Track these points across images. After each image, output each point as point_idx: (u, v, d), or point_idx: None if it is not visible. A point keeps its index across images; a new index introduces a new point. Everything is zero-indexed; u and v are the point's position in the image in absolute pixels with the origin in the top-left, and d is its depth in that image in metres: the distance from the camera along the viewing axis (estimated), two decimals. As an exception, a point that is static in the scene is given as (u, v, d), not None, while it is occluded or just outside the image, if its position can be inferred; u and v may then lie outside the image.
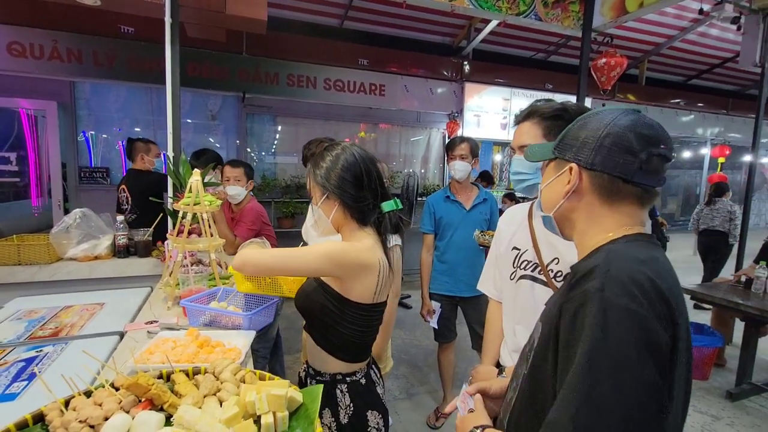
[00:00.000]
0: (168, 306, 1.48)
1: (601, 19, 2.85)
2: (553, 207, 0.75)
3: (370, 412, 1.12)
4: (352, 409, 1.10)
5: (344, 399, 1.10)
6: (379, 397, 1.18)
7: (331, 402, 1.11)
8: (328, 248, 1.01)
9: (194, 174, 1.57)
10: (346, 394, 1.11)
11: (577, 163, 0.70)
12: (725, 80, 7.64)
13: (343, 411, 1.10)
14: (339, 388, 1.11)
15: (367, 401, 1.13)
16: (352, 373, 1.13)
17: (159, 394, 0.76)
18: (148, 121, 5.28)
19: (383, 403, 1.19)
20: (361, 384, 1.13)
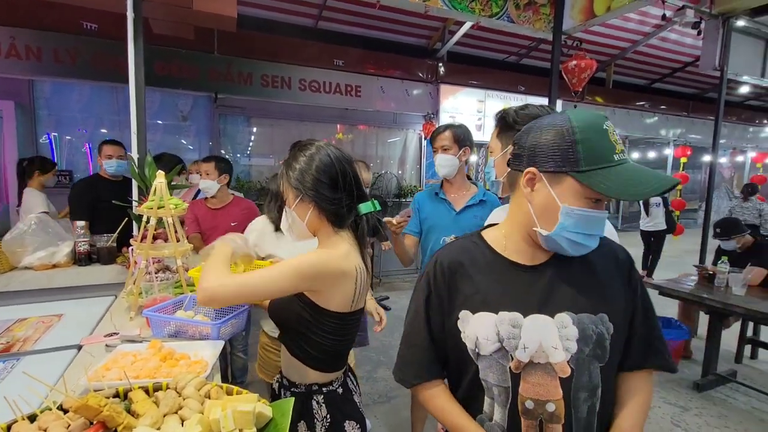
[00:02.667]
0: (131, 316, 1.39)
1: (570, 22, 2.91)
2: None
3: (347, 422, 1.09)
4: (329, 421, 1.06)
5: (321, 410, 1.06)
6: (357, 406, 1.15)
7: (306, 414, 1.06)
8: (300, 264, 0.95)
9: (158, 176, 1.49)
10: (323, 406, 1.06)
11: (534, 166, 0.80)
12: (686, 84, 8.00)
13: (319, 423, 1.06)
14: (315, 399, 1.06)
15: (345, 411, 1.09)
16: (328, 383, 1.09)
17: (112, 415, 0.70)
18: (114, 122, 5.05)
19: (361, 411, 1.15)
20: (338, 394, 1.09)
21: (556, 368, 0.76)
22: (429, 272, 0.88)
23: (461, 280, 0.84)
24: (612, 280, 0.83)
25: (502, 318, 0.79)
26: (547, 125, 0.76)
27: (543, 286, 0.80)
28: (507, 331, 0.78)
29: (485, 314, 0.80)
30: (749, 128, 9.49)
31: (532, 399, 0.77)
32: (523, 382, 0.77)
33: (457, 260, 0.86)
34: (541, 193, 0.75)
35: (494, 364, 0.79)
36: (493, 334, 0.79)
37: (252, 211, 2.66)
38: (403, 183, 6.19)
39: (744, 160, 10.33)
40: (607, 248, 0.85)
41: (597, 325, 0.77)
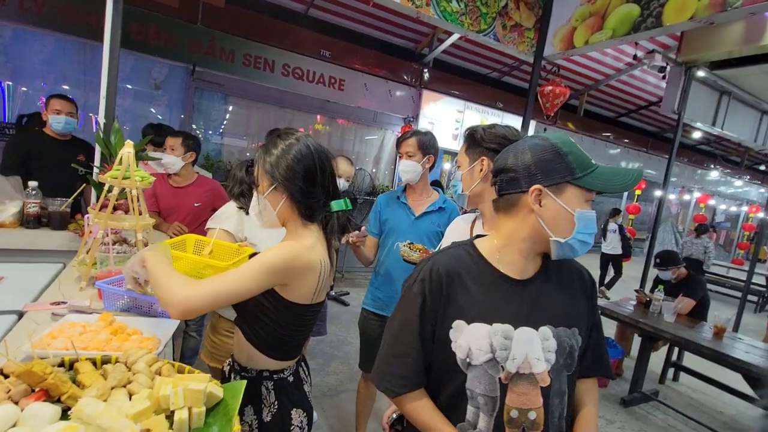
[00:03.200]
0: (81, 287, 1.34)
1: (551, 49, 3.06)
2: None
3: (294, 410, 1.10)
4: (276, 407, 1.07)
5: (269, 396, 1.07)
6: (305, 395, 1.16)
7: (255, 399, 1.07)
8: (271, 261, 0.94)
9: (127, 145, 1.44)
10: (272, 392, 1.07)
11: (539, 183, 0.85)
12: (648, 122, 8.55)
13: (266, 408, 1.07)
14: (265, 385, 1.07)
15: (293, 399, 1.10)
16: (280, 370, 1.09)
17: (56, 384, 0.69)
18: (78, 80, 4.75)
19: (309, 401, 1.17)
20: (289, 382, 1.11)
21: (538, 378, 0.81)
22: (424, 279, 0.87)
23: (458, 289, 0.85)
24: (581, 297, 0.91)
25: (496, 329, 0.81)
26: (532, 147, 0.83)
27: (529, 299, 0.85)
28: (499, 342, 0.81)
29: (480, 325, 0.82)
30: (697, 170, 10.28)
31: (517, 408, 0.81)
32: (509, 392, 0.81)
33: (454, 269, 0.87)
34: (549, 207, 0.80)
35: (483, 374, 0.81)
36: (486, 345, 0.81)
37: (217, 193, 2.59)
38: (377, 182, 6.23)
39: (690, 199, 11.16)
40: (575, 267, 0.94)
41: (570, 338, 0.84)
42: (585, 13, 2.82)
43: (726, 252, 13.25)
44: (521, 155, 0.83)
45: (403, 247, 1.76)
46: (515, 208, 0.84)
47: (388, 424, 1.24)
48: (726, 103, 4.46)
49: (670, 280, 3.65)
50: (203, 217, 2.40)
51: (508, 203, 0.85)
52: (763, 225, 5.93)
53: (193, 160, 2.48)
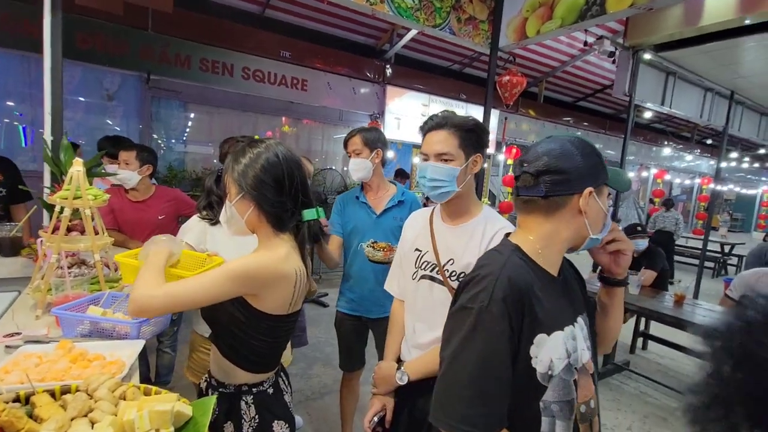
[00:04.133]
0: (37, 315, 1.28)
1: (505, 40, 3.14)
2: None
3: (276, 422, 1.08)
4: (257, 422, 1.05)
5: (249, 411, 1.05)
6: (286, 406, 1.15)
7: (234, 415, 1.05)
8: (234, 270, 0.92)
9: (75, 163, 1.38)
10: (252, 406, 1.05)
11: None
12: (605, 104, 8.91)
13: (247, 424, 1.05)
14: (244, 399, 1.05)
15: (273, 412, 1.09)
16: (259, 383, 1.07)
17: (11, 420, 0.66)
18: (23, 95, 4.50)
19: (290, 411, 1.16)
20: (268, 394, 1.09)
21: (587, 367, 0.84)
22: (506, 297, 0.75)
23: (534, 301, 0.78)
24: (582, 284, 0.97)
25: (567, 333, 0.81)
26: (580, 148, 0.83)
27: (566, 294, 0.88)
28: (571, 345, 0.81)
29: (558, 333, 0.80)
30: (653, 148, 10.80)
31: (584, 403, 0.83)
32: (579, 389, 0.82)
33: (526, 280, 0.79)
34: (593, 207, 0.83)
35: (559, 382, 0.79)
36: (563, 352, 0.79)
37: (179, 201, 2.51)
38: (348, 180, 6.21)
39: (648, 176, 11.72)
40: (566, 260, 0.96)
41: (587, 323, 0.90)
42: (535, 4, 2.90)
43: (684, 223, 14.02)
44: (572, 158, 0.81)
45: (366, 247, 1.75)
46: (562, 210, 0.82)
47: (371, 428, 1.25)
48: (672, 83, 4.70)
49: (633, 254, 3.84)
50: (169, 228, 2.33)
51: (554, 205, 0.82)
52: (714, 195, 6.30)
53: (150, 172, 2.39)
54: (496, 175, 8.08)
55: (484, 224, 1.22)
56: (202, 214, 1.60)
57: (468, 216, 1.25)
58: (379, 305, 1.89)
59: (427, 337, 1.24)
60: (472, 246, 1.19)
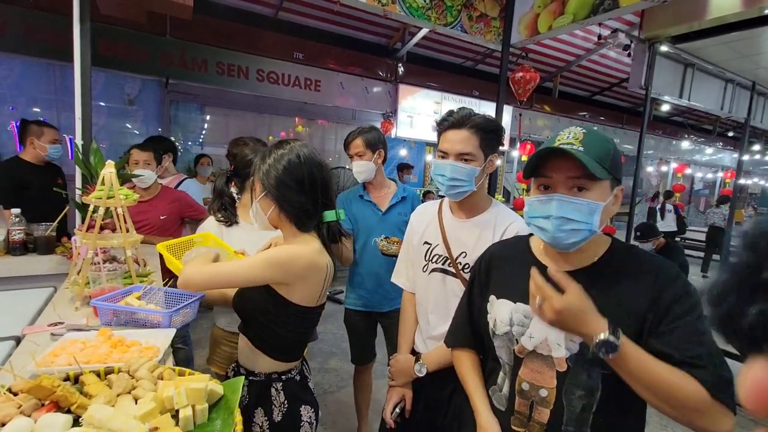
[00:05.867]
0: (76, 306, 1.37)
1: (517, 36, 3.14)
2: (604, 224, 0.84)
3: (303, 407, 1.14)
4: (287, 406, 1.11)
5: (279, 397, 1.10)
6: (311, 392, 1.21)
7: (264, 401, 1.10)
8: (271, 256, 0.98)
9: (108, 165, 1.47)
10: (281, 392, 1.11)
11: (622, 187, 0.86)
12: (621, 98, 8.75)
13: (277, 409, 1.10)
14: (274, 386, 1.11)
15: (301, 397, 1.15)
16: (288, 370, 1.13)
17: (65, 395, 0.74)
18: (49, 102, 4.69)
19: (314, 397, 1.21)
20: (296, 381, 1.15)
21: (555, 362, 0.85)
22: (478, 260, 1.05)
23: (495, 270, 0.99)
24: (637, 296, 0.81)
25: (518, 308, 0.89)
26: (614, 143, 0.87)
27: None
28: (519, 319, 0.89)
29: (505, 301, 0.93)
30: (672, 141, 10.55)
31: (528, 382, 0.88)
32: (523, 366, 0.88)
33: (498, 255, 1.01)
34: None
35: (504, 345, 0.92)
36: (507, 319, 0.90)
37: (183, 203, 2.55)
38: (361, 179, 6.27)
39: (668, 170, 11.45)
40: (650, 267, 0.84)
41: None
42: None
43: (707, 218, 13.64)
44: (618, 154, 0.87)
45: (381, 242, 1.83)
46: None
47: (393, 419, 1.30)
48: (691, 75, 4.60)
49: (650, 251, 3.80)
50: (171, 229, 2.40)
51: None
52: (737, 189, 6.14)
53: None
54: (510, 171, 8.03)
55: (495, 218, 1.26)
56: (217, 217, 1.64)
57: (478, 210, 1.29)
58: (389, 299, 1.96)
59: (442, 329, 1.27)
60: (485, 239, 1.22)
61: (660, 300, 0.79)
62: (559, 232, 0.81)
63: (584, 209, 0.79)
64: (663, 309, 0.78)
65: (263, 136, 5.95)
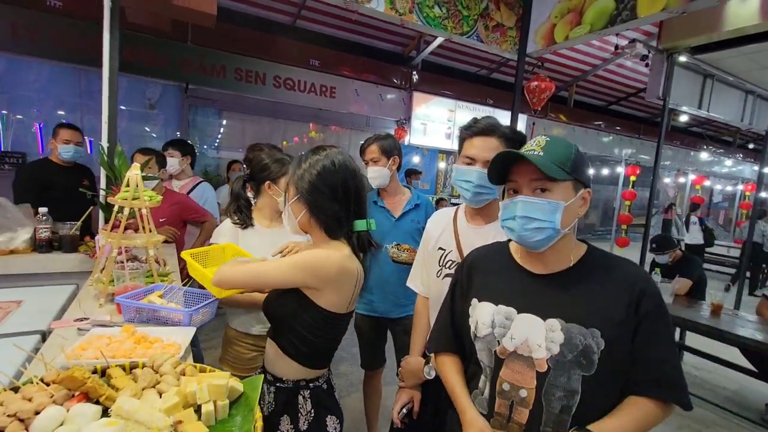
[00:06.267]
0: (100, 303, 1.42)
1: (533, 46, 3.15)
2: (570, 224, 0.88)
3: (329, 417, 1.12)
4: (313, 415, 1.09)
5: (306, 405, 1.09)
6: (337, 402, 1.19)
7: (291, 408, 1.08)
8: (303, 259, 0.98)
9: (134, 168, 1.52)
10: (308, 400, 1.09)
11: (589, 188, 0.89)
12: (638, 108, 8.66)
13: (303, 417, 1.08)
14: (301, 394, 1.09)
15: (328, 406, 1.13)
16: (315, 378, 1.11)
17: (95, 387, 0.77)
18: (74, 105, 4.86)
19: (340, 407, 1.19)
20: (323, 389, 1.13)
21: (535, 363, 0.86)
22: (459, 266, 1.08)
23: (477, 274, 1.01)
24: (616, 302, 0.86)
25: (499, 310, 0.92)
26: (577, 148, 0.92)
27: (545, 292, 0.90)
28: (500, 321, 0.91)
29: (487, 304, 0.95)
30: (690, 152, 10.37)
31: (509, 383, 0.89)
32: (504, 367, 0.90)
33: (479, 259, 1.04)
34: None
35: (485, 347, 0.93)
36: (489, 321, 0.92)
37: (183, 206, 2.57)
38: (373, 185, 6.31)
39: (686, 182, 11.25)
40: (629, 274, 0.89)
41: (585, 337, 0.83)
42: (563, 10, 2.92)
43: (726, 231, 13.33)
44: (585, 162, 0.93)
45: (391, 249, 1.84)
46: None
47: (400, 419, 1.31)
48: (710, 86, 4.56)
49: (667, 263, 3.73)
50: None
51: None
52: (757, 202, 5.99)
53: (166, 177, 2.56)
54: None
55: None
56: (233, 219, 1.66)
57: (494, 217, 1.30)
58: (400, 306, 1.95)
59: None
60: None
61: (638, 308, 0.85)
62: (524, 230, 0.86)
63: (546, 208, 0.85)
64: (640, 317, 0.85)
65: (278, 141, 6.06)
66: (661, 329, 0.87)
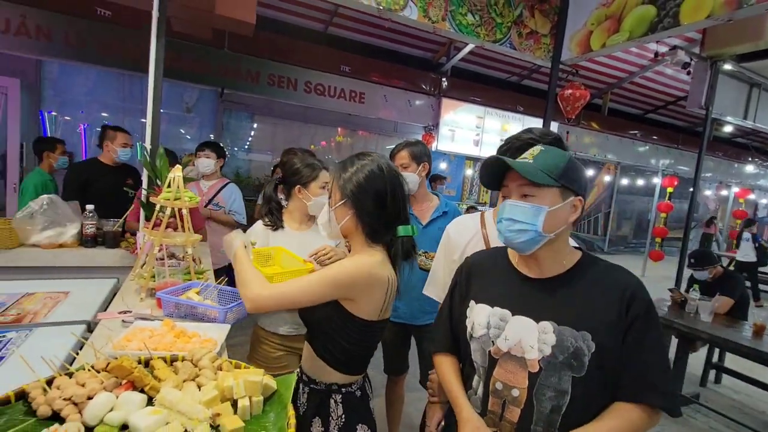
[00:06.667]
0: (141, 297, 1.49)
1: (568, 53, 3.09)
2: (556, 230, 0.90)
3: (360, 425, 1.11)
4: (343, 421, 1.08)
5: (337, 410, 1.09)
6: (371, 411, 1.17)
7: (322, 411, 1.09)
8: (338, 275, 0.99)
9: (176, 169, 1.60)
10: (340, 405, 1.09)
11: (582, 196, 0.91)
12: (677, 117, 8.31)
13: (334, 422, 1.08)
14: (333, 398, 1.09)
15: (359, 414, 1.12)
16: (348, 384, 1.11)
17: (141, 376, 0.82)
18: (117, 107, 5.13)
19: (373, 417, 1.17)
20: (356, 396, 1.12)
21: (528, 363, 0.89)
22: (459, 269, 1.11)
23: (475, 277, 1.05)
24: (607, 307, 0.88)
25: (495, 312, 0.95)
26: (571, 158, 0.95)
27: (539, 295, 0.93)
28: (495, 322, 0.94)
29: (484, 306, 0.98)
30: (734, 164, 9.85)
31: (502, 382, 0.92)
32: (498, 367, 0.93)
33: (478, 263, 1.07)
34: None
35: (480, 347, 0.96)
36: (484, 322, 0.96)
37: None
38: (400, 190, 6.33)
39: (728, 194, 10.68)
40: (620, 281, 0.91)
41: (577, 340, 0.86)
42: (601, 16, 2.85)
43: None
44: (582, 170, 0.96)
45: (419, 256, 1.82)
46: None
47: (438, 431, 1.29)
48: (757, 95, 4.32)
49: (706, 280, 3.55)
50: None
51: None
52: (808, 219, 5.61)
53: None
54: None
55: None
56: (264, 221, 1.70)
57: None
58: (426, 313, 1.94)
59: None
60: None
61: (628, 313, 0.87)
62: (508, 232, 0.91)
63: (528, 212, 0.89)
64: (629, 321, 0.87)
65: (306, 145, 6.18)
66: (650, 334, 0.88)
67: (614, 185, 9.59)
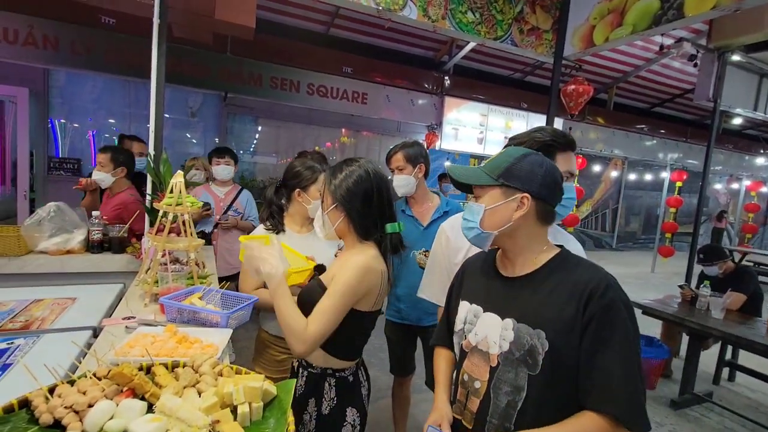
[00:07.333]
0: (145, 303, 1.50)
1: (571, 49, 3.06)
2: (500, 227, 0.93)
3: (349, 408, 1.20)
4: (335, 403, 1.18)
5: (330, 392, 1.19)
6: (362, 397, 1.25)
7: (317, 393, 1.19)
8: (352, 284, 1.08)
9: (177, 175, 1.61)
10: (333, 388, 1.19)
11: (528, 193, 0.89)
12: (685, 110, 8.18)
13: (326, 403, 1.18)
14: (328, 381, 1.19)
15: (350, 398, 1.21)
16: (341, 369, 1.21)
17: (141, 383, 0.82)
18: (124, 114, 5.19)
19: (364, 404, 1.26)
20: (348, 381, 1.21)
21: (490, 358, 0.94)
22: (460, 269, 1.17)
23: (466, 276, 1.11)
24: (564, 305, 0.86)
25: (471, 308, 1.02)
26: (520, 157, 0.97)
27: (507, 293, 0.97)
28: (470, 318, 1.01)
29: (465, 302, 1.05)
30: (745, 157, 9.68)
31: (468, 374, 0.99)
32: (467, 360, 1.00)
33: (471, 264, 1.13)
34: None
35: (458, 341, 1.04)
36: (463, 317, 1.03)
37: (125, 208, 2.49)
38: (404, 190, 6.32)
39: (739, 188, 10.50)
40: (582, 277, 0.88)
41: (532, 338, 0.87)
42: (603, 11, 2.81)
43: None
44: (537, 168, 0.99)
45: (419, 255, 1.85)
46: None
47: None
48: (767, 86, 4.24)
49: (717, 275, 3.49)
50: None
51: None
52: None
53: (124, 175, 2.53)
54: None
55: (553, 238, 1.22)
56: (266, 225, 1.71)
57: None
58: (429, 314, 1.93)
59: None
60: None
61: (585, 312, 0.84)
62: (463, 229, 0.99)
63: (473, 210, 0.96)
64: (585, 321, 0.84)
65: (310, 147, 6.20)
66: (610, 336, 0.82)
67: (622, 181, 9.49)
